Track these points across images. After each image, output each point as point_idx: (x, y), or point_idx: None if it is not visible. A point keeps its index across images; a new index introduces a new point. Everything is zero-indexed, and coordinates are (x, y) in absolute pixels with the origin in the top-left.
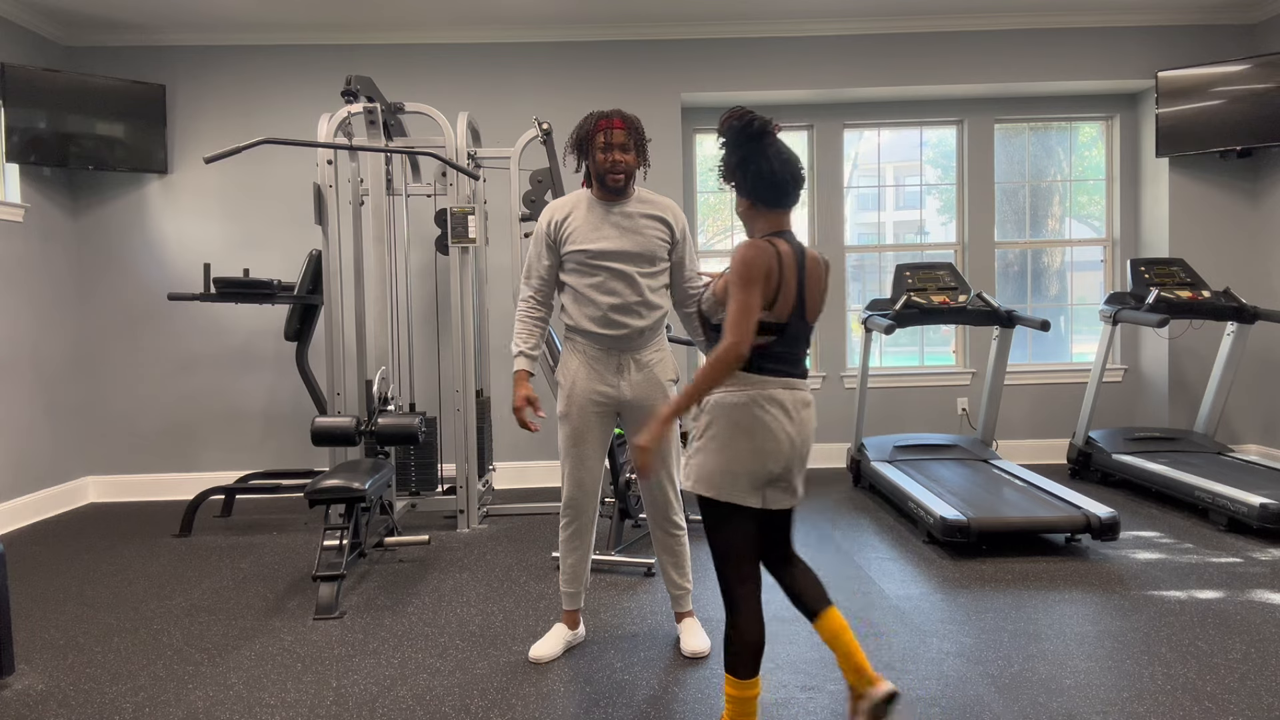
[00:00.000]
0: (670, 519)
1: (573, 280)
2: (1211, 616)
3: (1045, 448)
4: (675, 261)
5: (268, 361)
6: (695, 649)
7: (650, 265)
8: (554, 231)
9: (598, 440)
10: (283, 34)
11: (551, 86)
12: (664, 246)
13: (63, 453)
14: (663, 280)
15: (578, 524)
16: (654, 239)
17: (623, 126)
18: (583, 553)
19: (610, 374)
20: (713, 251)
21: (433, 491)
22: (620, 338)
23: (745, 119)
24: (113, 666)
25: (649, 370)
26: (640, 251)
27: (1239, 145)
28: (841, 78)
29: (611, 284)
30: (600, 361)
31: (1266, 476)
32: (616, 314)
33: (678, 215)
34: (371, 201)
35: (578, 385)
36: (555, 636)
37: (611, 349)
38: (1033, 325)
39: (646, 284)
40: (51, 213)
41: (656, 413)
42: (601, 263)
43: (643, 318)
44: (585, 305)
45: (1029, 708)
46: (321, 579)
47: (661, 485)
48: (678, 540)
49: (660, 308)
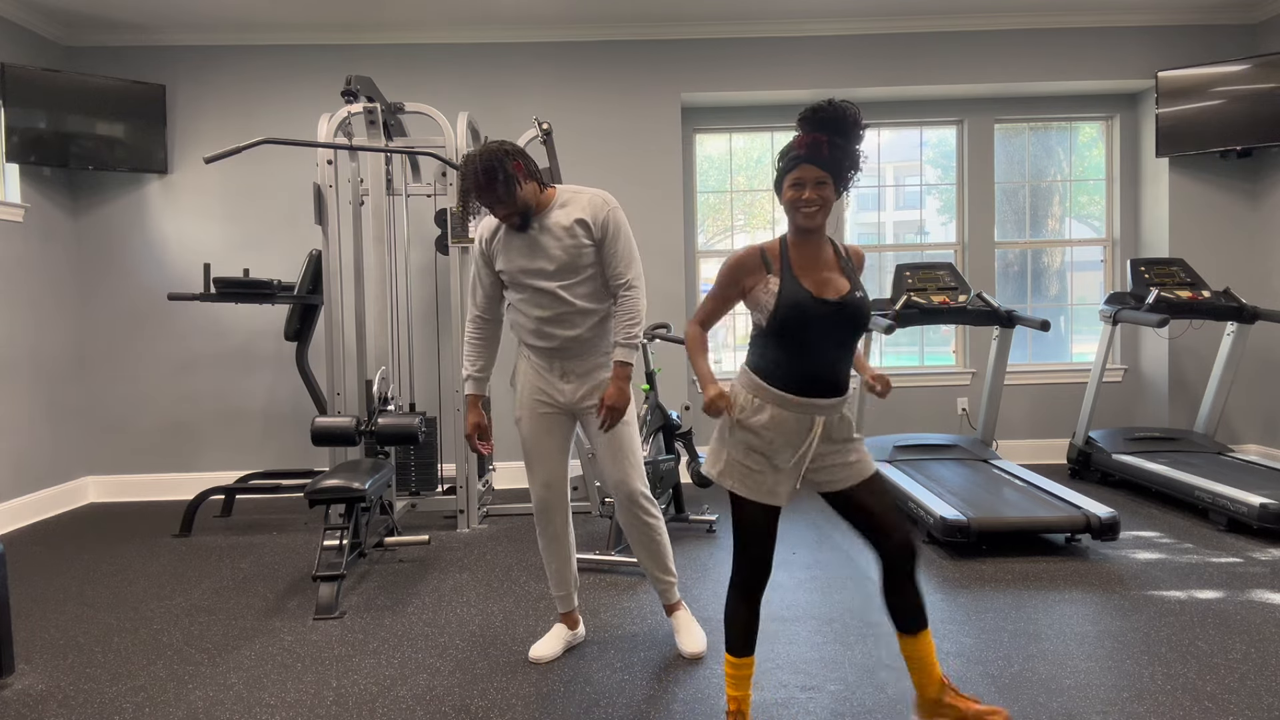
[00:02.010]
0: (636, 503)
1: (509, 294)
2: (1211, 616)
3: (1045, 448)
4: (602, 259)
5: (268, 361)
6: (694, 650)
7: (574, 274)
8: (485, 248)
9: (555, 443)
10: (283, 34)
11: (551, 86)
12: (587, 250)
13: (63, 453)
14: (594, 284)
15: (552, 528)
16: (571, 248)
17: (485, 185)
18: (564, 555)
19: (554, 381)
20: (713, 251)
21: (433, 491)
22: (556, 349)
23: (859, 111)
24: (113, 666)
25: (591, 377)
26: (556, 268)
27: (1239, 145)
28: (841, 78)
29: (537, 298)
30: (544, 369)
31: (1266, 476)
32: (546, 325)
33: (598, 211)
34: (371, 201)
35: (526, 390)
36: (555, 637)
37: (552, 358)
38: (1033, 325)
39: (571, 294)
40: (51, 213)
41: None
42: (523, 280)
43: (576, 326)
44: (520, 317)
45: (1029, 708)
46: (321, 579)
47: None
48: (651, 526)
49: (595, 311)
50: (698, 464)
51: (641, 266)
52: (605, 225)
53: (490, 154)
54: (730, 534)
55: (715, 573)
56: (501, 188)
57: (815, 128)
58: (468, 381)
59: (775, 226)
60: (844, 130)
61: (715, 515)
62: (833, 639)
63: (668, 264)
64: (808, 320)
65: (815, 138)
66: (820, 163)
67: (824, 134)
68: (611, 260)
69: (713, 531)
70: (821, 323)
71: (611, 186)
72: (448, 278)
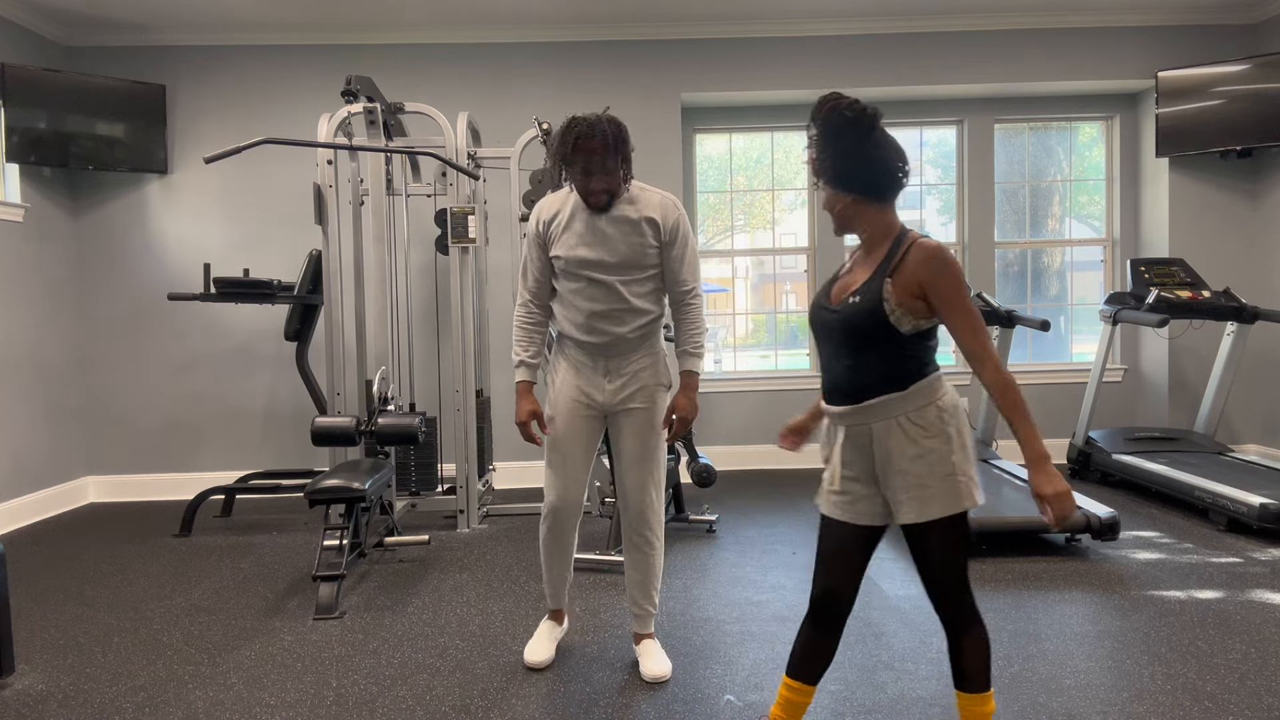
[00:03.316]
0: (643, 528)
1: (559, 284)
2: (1211, 616)
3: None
4: (665, 261)
5: (268, 361)
6: (659, 673)
7: (636, 271)
8: (542, 230)
9: (583, 447)
10: (283, 34)
11: (551, 86)
12: (651, 251)
13: (63, 453)
14: (652, 285)
15: (560, 535)
16: (637, 245)
17: (601, 150)
18: (565, 562)
19: (597, 378)
20: (713, 251)
21: (433, 491)
22: (603, 345)
23: (856, 107)
24: (113, 666)
25: (635, 376)
26: (619, 261)
27: (1239, 145)
28: (841, 78)
29: (592, 290)
30: (586, 367)
31: (1266, 476)
32: (597, 321)
33: (669, 213)
34: (371, 201)
35: (563, 389)
36: (546, 637)
37: (597, 355)
38: (1033, 325)
39: (629, 291)
40: (51, 213)
41: (1033, 465)
42: (580, 270)
43: (626, 324)
44: (569, 310)
45: (1029, 708)
46: (321, 579)
47: (641, 485)
48: (648, 555)
49: (649, 312)
50: (698, 464)
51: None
52: (675, 229)
53: (617, 123)
54: (729, 534)
55: (715, 573)
56: (617, 158)
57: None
58: (520, 368)
59: (775, 226)
60: (820, 128)
61: (715, 515)
62: None
63: None
64: (814, 326)
65: (809, 156)
66: (818, 176)
67: (812, 150)
68: (678, 267)
69: (713, 531)
70: (822, 329)
71: None
72: (448, 278)
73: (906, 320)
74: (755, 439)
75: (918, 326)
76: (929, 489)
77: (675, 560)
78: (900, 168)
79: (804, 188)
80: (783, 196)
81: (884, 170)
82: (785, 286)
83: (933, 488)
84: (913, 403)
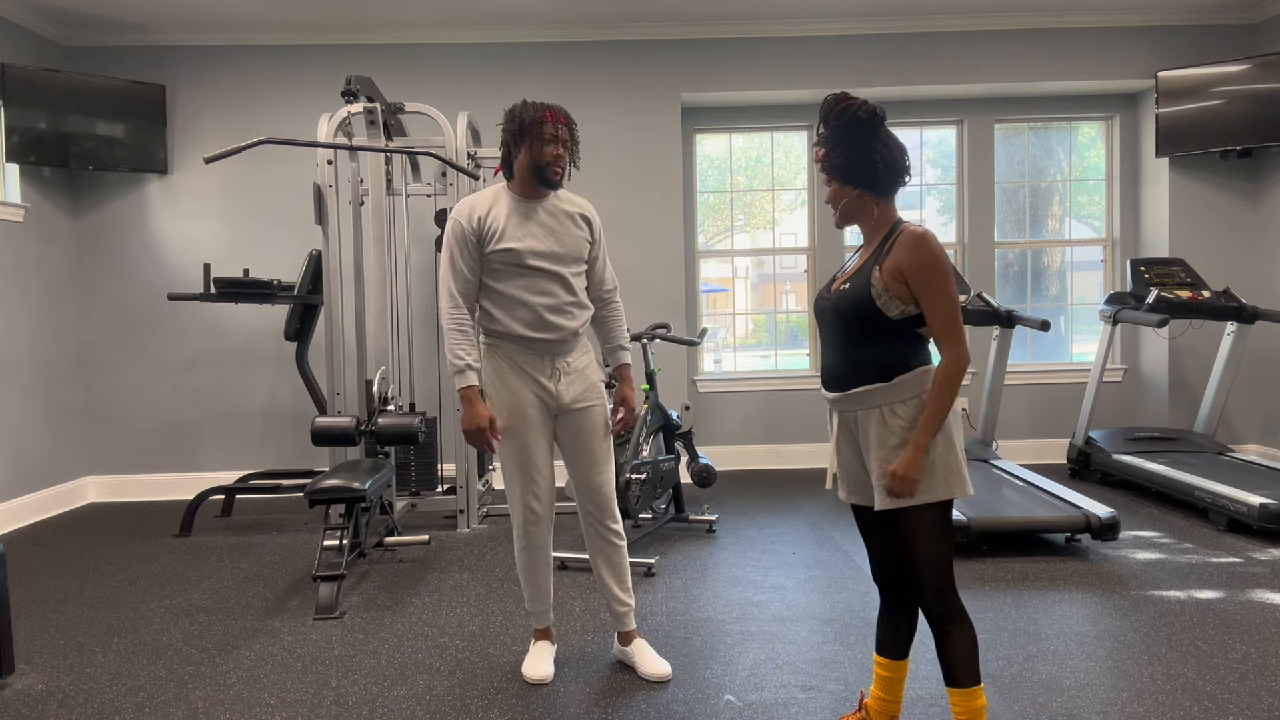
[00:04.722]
0: (610, 520)
1: (499, 284)
2: (1211, 616)
3: (1045, 448)
4: (591, 261)
5: (268, 361)
6: (662, 671)
7: (577, 265)
8: (476, 227)
9: (545, 447)
10: (283, 34)
11: (551, 86)
12: (586, 245)
13: (63, 453)
14: (585, 280)
15: (541, 538)
16: (578, 237)
17: (567, 122)
18: (548, 571)
19: (545, 379)
20: (713, 251)
21: (433, 491)
22: (553, 342)
23: (868, 108)
24: (113, 666)
25: (582, 373)
26: (566, 252)
27: (1239, 145)
28: (841, 78)
29: (544, 284)
30: (533, 366)
31: (1266, 476)
32: (551, 315)
33: (593, 213)
34: (371, 201)
35: (516, 392)
36: (544, 654)
37: (544, 353)
38: (1033, 325)
39: (576, 284)
40: (51, 213)
41: (910, 443)
42: (530, 263)
43: (575, 318)
44: (516, 309)
45: (1029, 708)
46: (321, 579)
47: (606, 479)
48: (619, 549)
49: (589, 308)
50: (698, 464)
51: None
52: (599, 230)
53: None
54: (729, 534)
55: (715, 573)
56: (570, 131)
57: (819, 141)
58: (466, 373)
59: (775, 226)
60: (831, 126)
61: (715, 515)
62: (833, 639)
63: (668, 264)
64: (815, 314)
65: (818, 153)
66: (826, 171)
67: (821, 146)
68: (602, 267)
69: (713, 531)
70: (821, 316)
71: (611, 186)
72: None
73: (894, 305)
74: (755, 439)
75: (905, 311)
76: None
77: (675, 560)
78: (905, 164)
79: (804, 188)
80: (782, 196)
81: (889, 166)
82: (785, 286)
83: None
84: (896, 394)
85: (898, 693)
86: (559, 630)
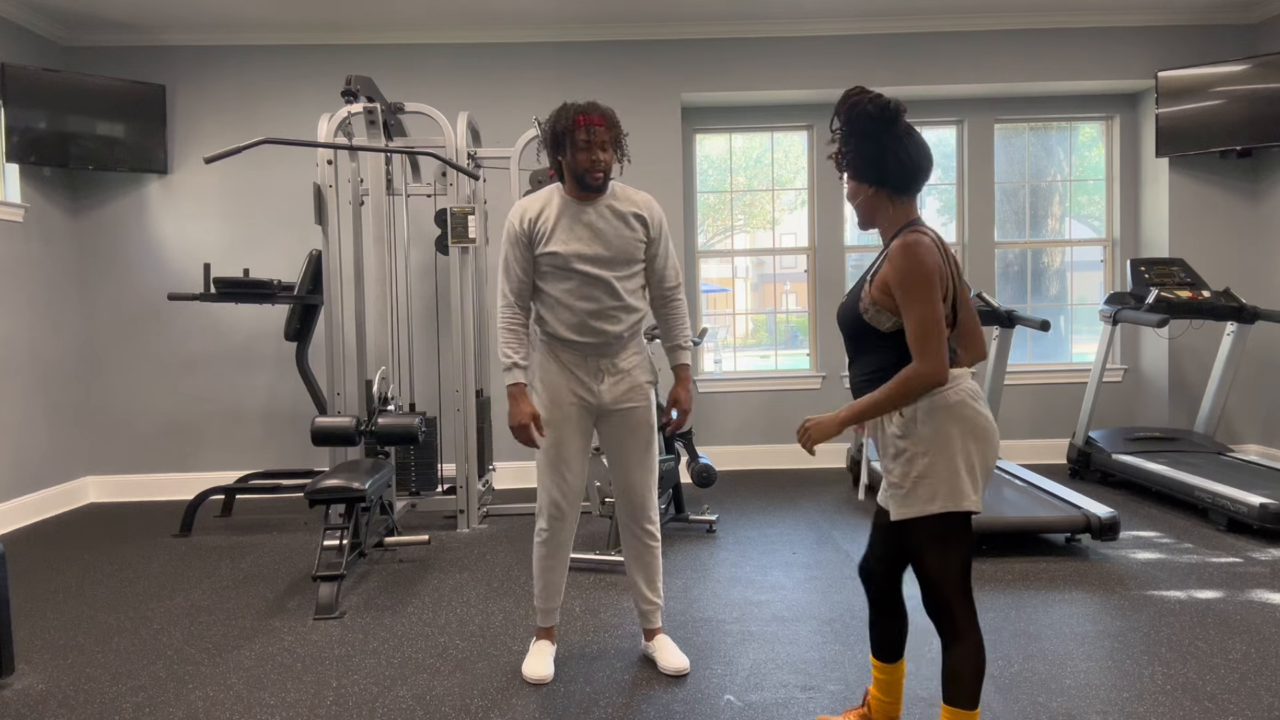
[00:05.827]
0: (645, 521)
1: (547, 285)
2: (1211, 616)
3: (1045, 448)
4: (650, 259)
5: (268, 361)
6: (680, 665)
7: (627, 268)
8: (527, 229)
9: (580, 446)
10: (283, 34)
11: (551, 86)
12: (640, 246)
13: (63, 453)
14: (640, 281)
15: (560, 538)
16: (629, 239)
17: (603, 123)
18: (562, 568)
19: (589, 379)
20: (713, 251)
21: (433, 491)
22: (597, 345)
23: (879, 102)
24: (113, 666)
25: (628, 374)
26: (614, 255)
27: (1239, 145)
28: (842, 78)
29: (587, 289)
30: (578, 367)
31: (1266, 476)
32: (594, 320)
33: (654, 211)
34: (371, 201)
35: (557, 389)
36: (544, 654)
37: (589, 355)
38: (1033, 325)
39: (623, 287)
40: (51, 213)
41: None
42: (576, 266)
43: (620, 322)
44: (560, 311)
45: (1029, 708)
46: (321, 579)
47: (644, 482)
48: (652, 550)
49: (638, 310)
50: (698, 464)
51: None
52: (660, 226)
53: (610, 109)
54: (729, 534)
55: (715, 573)
56: (615, 130)
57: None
58: (513, 370)
59: (775, 226)
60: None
61: (715, 515)
62: (833, 639)
63: None
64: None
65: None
66: (841, 168)
67: (836, 142)
68: (663, 265)
69: (713, 531)
70: (838, 324)
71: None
72: (447, 278)
73: (884, 318)
74: (755, 439)
75: (897, 324)
76: (902, 489)
77: (675, 560)
78: (920, 162)
79: (804, 188)
80: (782, 196)
81: (901, 164)
82: (785, 286)
83: (905, 488)
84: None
85: (896, 694)
86: (559, 630)
